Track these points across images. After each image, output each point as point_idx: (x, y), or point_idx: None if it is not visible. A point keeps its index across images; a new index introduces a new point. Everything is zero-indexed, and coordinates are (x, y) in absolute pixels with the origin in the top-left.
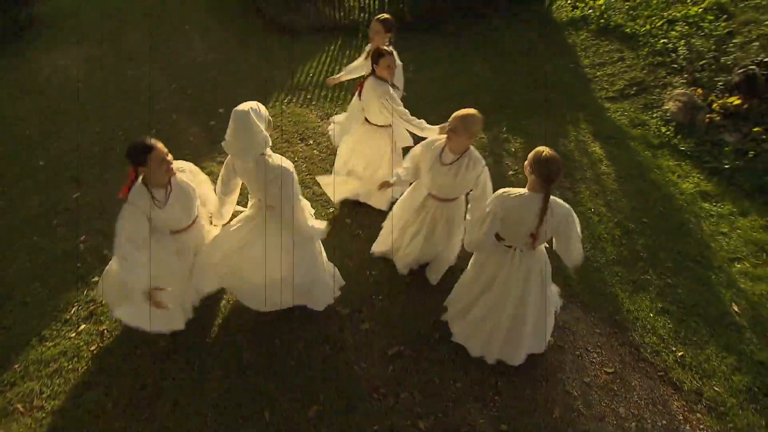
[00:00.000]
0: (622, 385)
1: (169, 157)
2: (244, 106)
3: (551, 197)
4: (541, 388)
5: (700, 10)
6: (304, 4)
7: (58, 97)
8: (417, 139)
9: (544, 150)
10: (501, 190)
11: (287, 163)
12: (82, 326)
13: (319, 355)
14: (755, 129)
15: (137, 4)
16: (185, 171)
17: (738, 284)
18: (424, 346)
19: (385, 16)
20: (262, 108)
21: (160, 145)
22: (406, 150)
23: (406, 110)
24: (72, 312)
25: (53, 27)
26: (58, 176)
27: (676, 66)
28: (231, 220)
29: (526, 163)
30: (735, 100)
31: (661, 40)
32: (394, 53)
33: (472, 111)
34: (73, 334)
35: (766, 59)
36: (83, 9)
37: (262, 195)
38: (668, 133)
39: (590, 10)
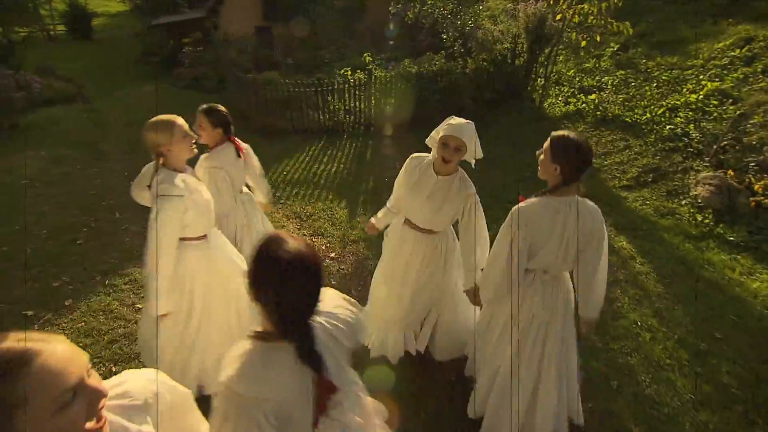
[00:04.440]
0: None
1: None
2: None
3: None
4: None
5: (701, 96)
6: (287, 111)
7: None
8: None
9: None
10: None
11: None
12: None
13: None
14: None
15: (124, 113)
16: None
17: None
18: None
19: None
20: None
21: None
22: None
23: None
24: None
25: (37, 132)
26: None
27: (692, 150)
28: None
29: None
30: None
31: (667, 126)
32: None
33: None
34: None
35: None
36: (71, 118)
37: None
38: (707, 221)
39: (583, 105)
